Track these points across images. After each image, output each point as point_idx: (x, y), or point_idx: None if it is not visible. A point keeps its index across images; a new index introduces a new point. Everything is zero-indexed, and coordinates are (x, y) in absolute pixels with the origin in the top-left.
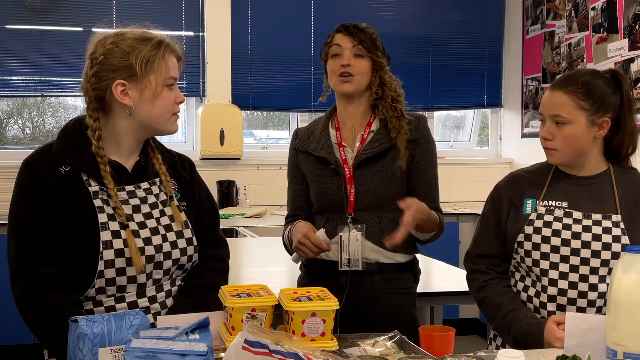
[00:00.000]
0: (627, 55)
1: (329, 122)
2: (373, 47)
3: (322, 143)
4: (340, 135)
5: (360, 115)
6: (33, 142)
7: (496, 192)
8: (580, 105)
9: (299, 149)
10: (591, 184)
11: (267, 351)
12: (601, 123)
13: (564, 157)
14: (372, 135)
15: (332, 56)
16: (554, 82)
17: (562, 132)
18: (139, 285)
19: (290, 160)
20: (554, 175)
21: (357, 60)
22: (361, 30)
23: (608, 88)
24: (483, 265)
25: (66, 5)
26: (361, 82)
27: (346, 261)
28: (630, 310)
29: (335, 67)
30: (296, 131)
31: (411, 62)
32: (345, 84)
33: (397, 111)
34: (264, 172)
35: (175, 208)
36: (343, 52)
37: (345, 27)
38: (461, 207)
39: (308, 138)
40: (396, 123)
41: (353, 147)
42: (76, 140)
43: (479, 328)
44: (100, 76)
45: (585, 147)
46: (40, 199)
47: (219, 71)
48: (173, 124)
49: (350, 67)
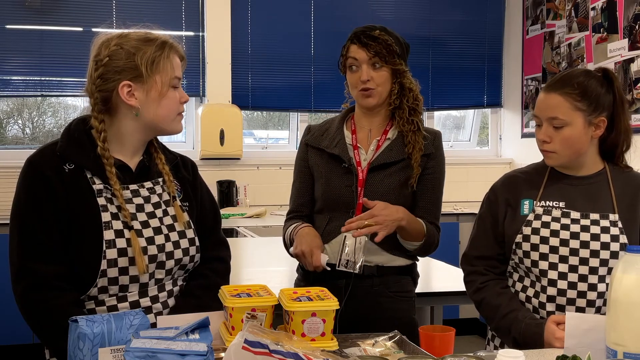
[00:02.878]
0: (627, 55)
1: (343, 123)
2: (390, 56)
3: (337, 141)
4: (355, 138)
5: (378, 122)
6: (33, 142)
7: (492, 193)
8: (577, 107)
9: (311, 144)
10: (588, 184)
11: (267, 351)
12: (598, 123)
13: (562, 159)
14: (388, 142)
15: (350, 68)
16: (547, 84)
17: (560, 134)
18: (141, 284)
19: (300, 154)
20: (550, 175)
21: (376, 72)
22: (375, 39)
23: (602, 88)
24: (480, 266)
25: (66, 5)
26: (382, 94)
27: (345, 262)
28: (630, 310)
29: (354, 81)
30: (309, 127)
31: (411, 62)
32: (367, 98)
33: (413, 124)
34: (264, 172)
35: (178, 208)
36: (360, 66)
37: (358, 37)
38: (461, 207)
39: (322, 135)
40: (412, 138)
41: (367, 150)
42: (81, 139)
43: (479, 328)
44: (106, 78)
45: (584, 147)
46: (43, 197)
47: (219, 71)
48: (178, 124)
49: (369, 82)
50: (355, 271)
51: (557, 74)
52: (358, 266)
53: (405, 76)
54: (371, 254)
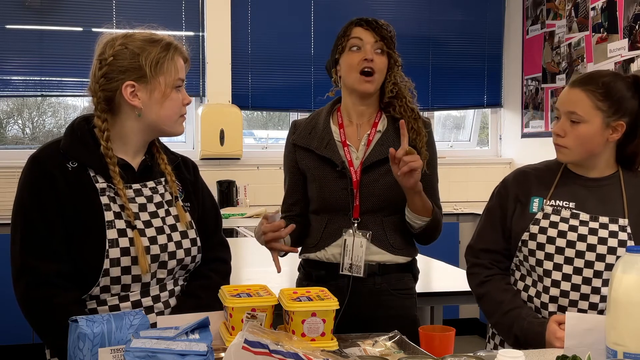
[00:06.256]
0: (627, 55)
1: (329, 118)
2: (392, 44)
3: (326, 142)
4: (344, 133)
5: (368, 114)
6: (33, 142)
7: (503, 187)
8: (598, 106)
9: (299, 144)
10: (600, 186)
11: (267, 351)
12: (616, 126)
13: (573, 156)
14: (379, 135)
15: (350, 49)
16: (574, 79)
17: (576, 130)
18: (143, 284)
19: (288, 154)
20: (562, 174)
21: (378, 56)
22: (381, 25)
23: (628, 92)
24: (486, 260)
25: (66, 5)
26: (379, 81)
27: (348, 266)
28: (630, 310)
29: (355, 61)
30: (294, 124)
31: (411, 62)
32: (367, 83)
33: (414, 112)
34: (264, 172)
35: (181, 208)
36: (364, 46)
37: (366, 21)
38: (461, 207)
39: (309, 133)
40: (414, 124)
41: (357, 147)
42: (84, 137)
43: (479, 328)
44: (110, 77)
45: (597, 148)
46: (47, 194)
47: (219, 71)
48: (180, 125)
49: (372, 63)
50: (360, 275)
51: (587, 72)
52: (363, 270)
53: (399, 71)
54: (373, 253)
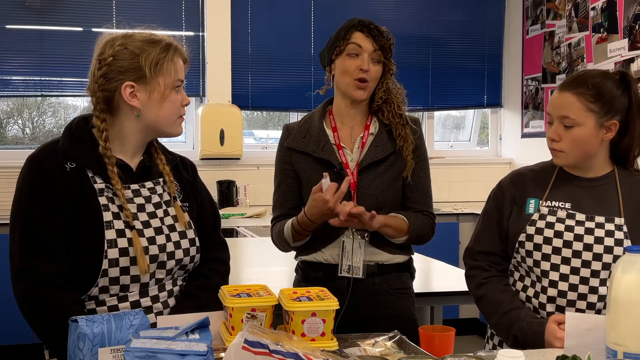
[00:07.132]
0: (627, 55)
1: (323, 121)
2: (389, 53)
3: (322, 144)
4: (338, 137)
5: (360, 117)
6: (33, 142)
7: (499, 189)
8: (590, 108)
9: (295, 148)
10: (595, 186)
11: (267, 351)
12: (609, 126)
13: (570, 159)
14: (372, 138)
15: (348, 54)
16: (563, 82)
17: (570, 134)
18: (141, 284)
19: (282, 158)
20: (558, 175)
21: (373, 65)
22: (381, 33)
23: (617, 90)
24: (484, 262)
25: (66, 5)
26: (372, 88)
27: (347, 267)
28: (630, 310)
29: (351, 69)
30: (287, 127)
31: (411, 62)
32: (360, 90)
33: (402, 118)
34: (264, 172)
35: (179, 208)
36: (362, 54)
37: (367, 26)
38: (461, 207)
39: (303, 137)
40: (402, 130)
41: (352, 149)
42: (82, 137)
43: (479, 328)
44: (109, 77)
45: (593, 149)
46: (45, 195)
47: (219, 71)
48: (178, 126)
49: (367, 73)
50: (359, 276)
51: (574, 73)
52: (362, 271)
53: (391, 78)
54: (371, 254)
